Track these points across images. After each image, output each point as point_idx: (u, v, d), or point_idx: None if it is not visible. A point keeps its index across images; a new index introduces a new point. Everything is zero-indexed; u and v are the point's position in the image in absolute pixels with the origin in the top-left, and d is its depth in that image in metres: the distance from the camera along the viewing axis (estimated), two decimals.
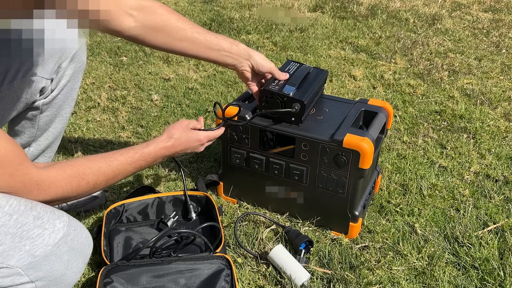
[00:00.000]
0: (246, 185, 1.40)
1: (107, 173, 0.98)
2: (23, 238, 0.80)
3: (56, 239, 0.83)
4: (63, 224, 0.85)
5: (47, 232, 0.83)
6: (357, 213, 1.28)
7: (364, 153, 1.15)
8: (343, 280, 1.16)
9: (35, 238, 0.81)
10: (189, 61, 2.48)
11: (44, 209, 0.85)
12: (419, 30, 2.98)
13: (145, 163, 1.08)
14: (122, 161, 1.02)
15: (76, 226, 0.89)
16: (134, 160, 1.05)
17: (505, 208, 1.43)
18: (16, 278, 0.79)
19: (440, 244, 1.29)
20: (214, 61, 1.20)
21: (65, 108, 1.26)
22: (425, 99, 2.10)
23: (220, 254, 1.13)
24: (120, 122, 1.89)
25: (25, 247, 0.80)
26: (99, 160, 0.99)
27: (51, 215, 0.85)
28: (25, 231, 0.81)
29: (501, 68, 2.45)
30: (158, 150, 1.10)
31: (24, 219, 0.82)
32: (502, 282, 1.16)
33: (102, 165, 0.98)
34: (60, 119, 1.27)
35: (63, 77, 1.19)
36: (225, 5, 3.47)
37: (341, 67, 2.43)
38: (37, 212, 0.84)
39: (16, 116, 1.19)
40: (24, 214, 0.82)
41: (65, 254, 0.84)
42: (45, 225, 0.83)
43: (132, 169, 1.05)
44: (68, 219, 0.87)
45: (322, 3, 3.48)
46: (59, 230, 0.84)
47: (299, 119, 1.23)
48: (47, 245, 0.82)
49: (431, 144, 1.75)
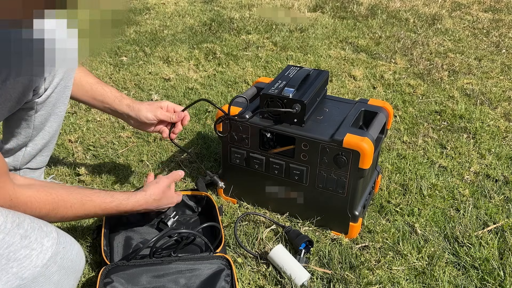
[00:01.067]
0: (246, 185, 1.40)
1: (77, 211, 1.00)
2: (10, 259, 0.78)
3: (45, 259, 0.81)
4: (51, 243, 0.83)
5: (35, 252, 0.80)
6: (357, 213, 1.28)
7: (364, 153, 1.16)
8: (343, 280, 1.16)
9: (22, 259, 0.78)
10: (189, 61, 2.49)
11: (31, 226, 0.83)
12: (419, 30, 2.98)
13: (116, 212, 1.09)
14: (95, 204, 1.04)
15: (65, 243, 0.87)
16: (108, 207, 1.06)
17: (505, 208, 1.43)
18: None
19: (440, 244, 1.29)
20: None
21: (60, 107, 1.26)
22: (425, 99, 2.10)
23: (220, 254, 1.13)
24: (120, 122, 1.89)
25: (12, 269, 0.77)
26: (75, 197, 0.99)
27: (39, 232, 0.83)
28: (12, 252, 0.78)
29: (501, 68, 2.45)
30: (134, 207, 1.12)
31: (11, 239, 0.79)
32: (502, 282, 1.17)
33: (76, 202, 0.99)
34: (55, 118, 1.27)
35: (56, 76, 1.18)
36: (225, 5, 3.47)
37: (341, 67, 2.43)
38: (24, 230, 0.81)
39: (11, 116, 1.19)
40: (11, 233, 0.79)
41: (55, 274, 0.82)
42: (32, 245, 0.81)
43: (102, 213, 1.07)
44: (57, 235, 0.85)
45: (322, 3, 3.48)
46: (47, 249, 0.82)
47: (302, 119, 1.23)
48: (35, 266, 0.79)
49: (431, 144, 1.75)
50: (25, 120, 1.22)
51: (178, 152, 1.71)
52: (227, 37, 2.83)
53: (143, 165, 1.63)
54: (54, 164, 1.61)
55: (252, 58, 2.52)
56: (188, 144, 1.75)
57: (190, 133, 1.82)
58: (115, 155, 1.69)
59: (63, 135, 1.79)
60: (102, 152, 1.70)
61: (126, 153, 1.70)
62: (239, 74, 2.33)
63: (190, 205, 1.37)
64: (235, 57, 2.54)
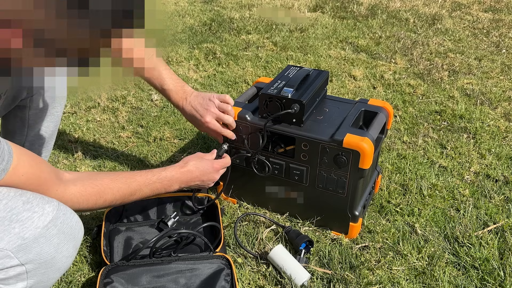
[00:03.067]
0: (246, 185, 1.40)
1: (124, 193, 1.05)
2: (12, 221, 0.81)
3: (46, 221, 0.84)
4: (52, 208, 0.87)
5: (36, 215, 0.84)
6: (357, 213, 1.28)
7: (364, 153, 1.15)
8: (343, 280, 1.16)
9: (24, 221, 0.82)
10: (189, 61, 2.49)
11: (33, 195, 0.87)
12: (419, 30, 2.98)
13: (161, 186, 1.13)
14: (140, 182, 1.08)
15: (65, 210, 0.90)
16: (151, 182, 1.11)
17: (505, 208, 1.43)
18: (6, 261, 0.80)
19: (440, 244, 1.29)
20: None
21: (56, 107, 1.27)
22: (425, 99, 2.10)
23: (220, 254, 1.13)
24: (120, 122, 1.89)
25: (14, 229, 0.81)
26: (120, 180, 1.05)
27: (40, 199, 0.86)
28: (14, 214, 0.82)
29: (501, 68, 2.45)
30: (174, 174, 1.16)
31: (14, 204, 0.83)
32: (502, 282, 1.16)
33: (122, 185, 1.04)
34: (51, 118, 1.28)
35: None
36: (225, 5, 3.47)
37: (341, 67, 2.43)
38: (26, 198, 0.85)
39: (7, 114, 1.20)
40: (14, 199, 0.83)
41: (55, 237, 0.85)
42: (34, 208, 0.84)
43: (149, 191, 1.11)
44: (57, 204, 0.89)
45: (322, 3, 3.48)
46: (49, 213, 0.85)
47: (300, 119, 1.23)
48: (36, 227, 0.83)
49: (431, 144, 1.75)
50: (20, 117, 1.23)
51: (178, 152, 1.71)
52: (227, 37, 2.83)
53: (143, 165, 1.63)
54: (54, 164, 1.61)
55: (252, 58, 2.52)
56: (188, 144, 1.75)
57: (190, 133, 1.82)
58: (115, 155, 1.69)
59: (63, 135, 1.79)
60: (102, 152, 1.70)
61: (126, 153, 1.70)
62: (239, 74, 2.33)
63: (190, 206, 1.37)
64: (235, 57, 2.54)
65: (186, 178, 1.18)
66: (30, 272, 0.83)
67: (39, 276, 0.85)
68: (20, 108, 1.21)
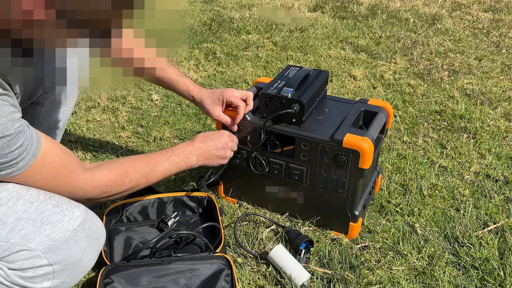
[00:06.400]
0: (246, 185, 1.40)
1: (146, 170, 1.05)
2: (44, 223, 0.85)
3: (75, 225, 0.87)
4: (80, 213, 0.90)
5: (66, 218, 0.87)
6: (357, 213, 1.28)
7: (364, 153, 1.15)
8: (343, 280, 1.16)
9: (55, 223, 0.85)
10: (189, 61, 2.49)
11: (62, 199, 0.90)
12: (419, 30, 2.98)
13: (178, 158, 1.12)
14: (157, 159, 1.09)
15: (92, 215, 0.93)
16: (167, 156, 1.11)
17: (505, 208, 1.43)
18: (36, 260, 0.83)
19: (440, 244, 1.29)
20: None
21: (66, 105, 1.27)
22: (425, 99, 2.10)
23: (220, 254, 1.13)
24: (120, 122, 1.89)
25: (45, 231, 0.84)
26: (138, 160, 1.06)
27: (69, 204, 0.90)
28: (45, 217, 0.85)
29: (501, 68, 2.45)
30: (186, 146, 1.16)
31: (44, 206, 0.86)
32: (502, 282, 1.16)
33: (141, 164, 1.05)
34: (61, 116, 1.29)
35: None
36: (225, 5, 3.47)
37: (341, 67, 2.43)
38: (56, 201, 0.88)
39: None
40: (44, 202, 0.86)
41: (82, 240, 0.88)
42: (64, 212, 0.87)
43: (169, 165, 1.10)
44: (85, 208, 0.92)
45: (322, 3, 3.48)
46: (78, 217, 0.89)
47: (300, 119, 1.23)
48: (66, 230, 0.86)
49: (431, 144, 1.75)
50: (31, 114, 1.24)
51: None
52: (227, 37, 2.83)
53: None
54: None
55: (252, 58, 2.52)
56: None
57: (190, 133, 1.82)
58: (115, 155, 1.69)
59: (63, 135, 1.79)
60: (102, 152, 1.70)
61: (126, 153, 1.70)
62: (239, 74, 2.33)
63: (190, 206, 1.37)
64: (235, 57, 2.54)
65: (200, 147, 1.18)
66: (57, 273, 0.86)
67: (64, 277, 0.88)
68: (32, 104, 1.21)
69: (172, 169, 1.11)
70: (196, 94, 1.31)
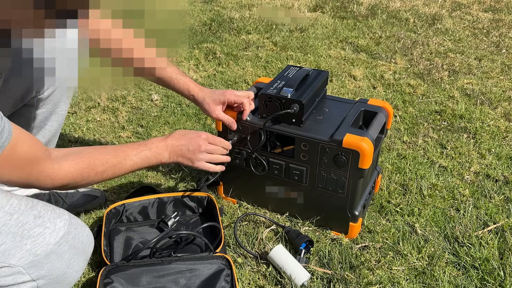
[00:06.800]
0: (246, 185, 1.40)
1: (114, 163, 1.02)
2: (24, 237, 0.81)
3: (57, 237, 0.84)
4: (64, 223, 0.86)
5: (48, 231, 0.83)
6: (357, 213, 1.28)
7: (364, 153, 1.15)
8: (343, 280, 1.16)
9: (36, 237, 0.82)
10: (189, 61, 2.49)
11: (45, 208, 0.86)
12: (419, 30, 2.98)
13: (150, 153, 1.09)
14: (127, 151, 1.06)
15: (77, 224, 0.90)
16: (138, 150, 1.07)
17: (505, 208, 1.43)
18: (18, 277, 0.80)
19: (440, 244, 1.29)
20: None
21: (61, 106, 1.26)
22: (425, 99, 2.10)
23: (220, 254, 1.13)
24: (120, 122, 1.89)
25: (26, 246, 0.81)
26: (107, 151, 1.03)
27: (52, 213, 0.86)
28: (26, 230, 0.82)
29: (501, 68, 2.45)
30: (161, 140, 1.13)
31: (25, 218, 0.82)
32: (502, 282, 1.16)
33: (109, 156, 1.02)
34: (56, 117, 1.27)
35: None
36: (225, 5, 3.47)
37: (341, 67, 2.43)
38: (37, 211, 0.85)
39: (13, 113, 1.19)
40: (25, 213, 0.83)
41: (66, 253, 0.85)
42: (46, 224, 0.84)
43: (138, 160, 1.07)
44: (69, 217, 0.88)
45: (322, 3, 3.48)
46: (60, 228, 0.85)
47: (300, 119, 1.23)
48: (48, 243, 0.83)
49: (431, 144, 1.75)
50: (26, 117, 1.23)
51: None
52: (227, 37, 2.83)
53: None
54: None
55: (252, 58, 2.52)
56: None
57: None
58: None
59: (63, 135, 1.79)
60: None
61: None
62: (239, 74, 2.33)
63: (190, 206, 1.37)
64: (235, 57, 2.54)
65: (173, 144, 1.14)
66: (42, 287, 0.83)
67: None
68: (26, 107, 1.20)
69: (141, 163, 1.08)
70: (197, 93, 1.30)
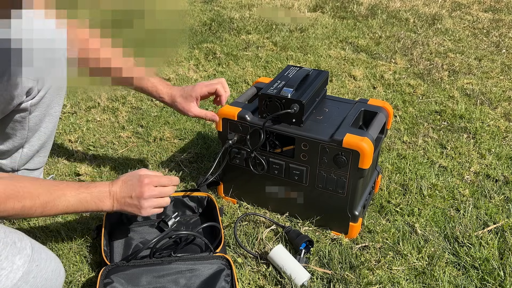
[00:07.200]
0: (246, 185, 1.40)
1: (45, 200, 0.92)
2: None
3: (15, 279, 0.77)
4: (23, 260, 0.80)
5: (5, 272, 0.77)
6: (357, 213, 1.28)
7: (364, 153, 1.16)
8: (343, 280, 1.16)
9: None
10: (189, 61, 2.49)
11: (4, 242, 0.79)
12: (419, 30, 2.98)
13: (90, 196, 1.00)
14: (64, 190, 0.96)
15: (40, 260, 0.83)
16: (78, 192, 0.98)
17: (505, 208, 1.43)
18: None
19: (440, 244, 1.29)
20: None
21: (54, 107, 1.25)
22: (425, 99, 2.10)
23: (220, 254, 1.13)
24: (120, 122, 1.89)
25: None
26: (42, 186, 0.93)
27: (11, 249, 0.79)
28: None
29: (501, 68, 2.45)
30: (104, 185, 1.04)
31: None
32: (502, 282, 1.17)
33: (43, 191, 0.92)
34: (50, 118, 1.26)
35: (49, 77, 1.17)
36: (225, 5, 3.47)
37: (341, 67, 2.43)
38: None
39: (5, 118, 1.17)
40: None
41: None
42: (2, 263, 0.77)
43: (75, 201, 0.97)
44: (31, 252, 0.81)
45: (322, 3, 3.48)
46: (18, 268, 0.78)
47: (300, 119, 1.23)
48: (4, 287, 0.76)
49: (431, 144, 1.75)
50: (20, 122, 1.21)
51: (178, 152, 1.71)
52: (227, 37, 2.83)
53: (143, 165, 1.63)
54: (54, 164, 1.61)
55: (252, 58, 2.52)
56: (188, 144, 1.75)
57: (190, 133, 1.82)
58: (115, 155, 1.69)
59: (63, 135, 1.79)
60: (102, 152, 1.70)
61: (126, 153, 1.70)
62: (239, 74, 2.33)
63: (190, 206, 1.37)
64: (235, 57, 2.54)
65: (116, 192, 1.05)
66: None
67: None
68: (19, 111, 1.19)
69: (78, 206, 0.97)
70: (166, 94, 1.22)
